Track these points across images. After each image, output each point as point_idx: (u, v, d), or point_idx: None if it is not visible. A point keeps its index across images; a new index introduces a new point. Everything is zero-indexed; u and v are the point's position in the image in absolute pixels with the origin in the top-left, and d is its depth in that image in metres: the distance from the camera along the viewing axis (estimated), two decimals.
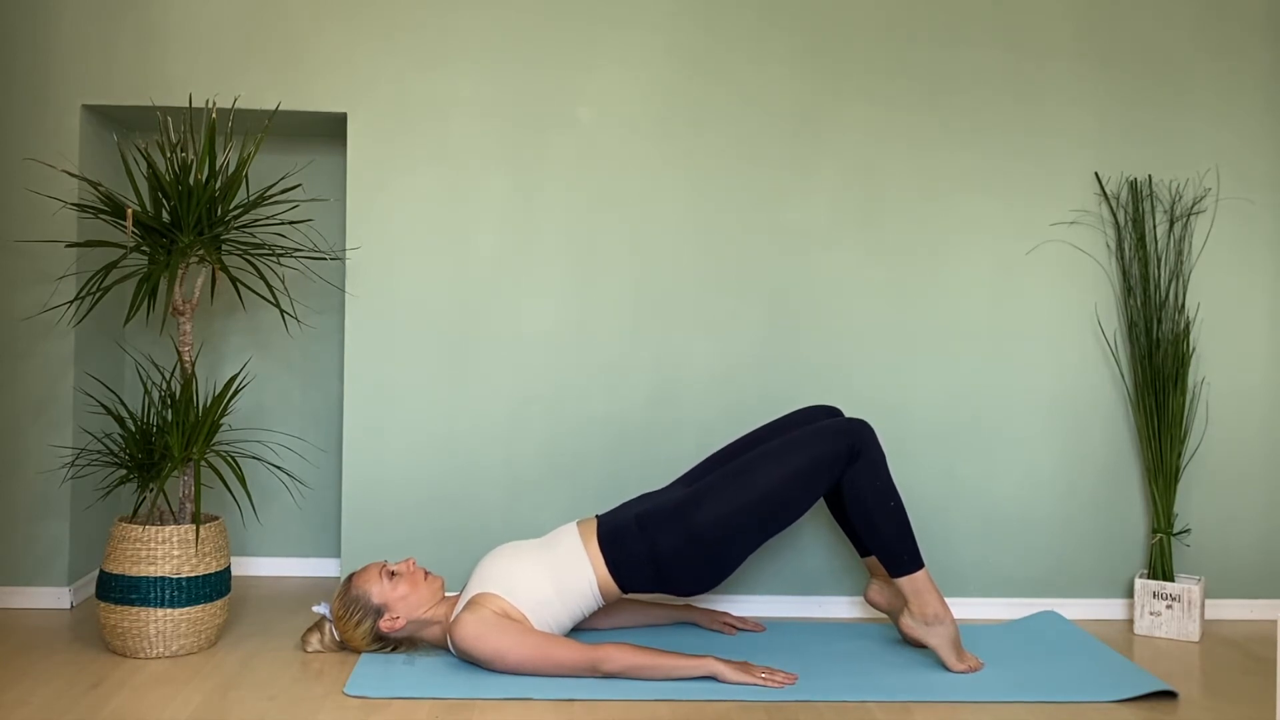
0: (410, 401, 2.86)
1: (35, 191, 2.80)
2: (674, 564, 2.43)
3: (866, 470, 2.42)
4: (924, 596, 2.45)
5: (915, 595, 2.45)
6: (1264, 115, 2.98)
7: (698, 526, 2.40)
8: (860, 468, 2.42)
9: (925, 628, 2.45)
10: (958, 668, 2.42)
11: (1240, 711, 2.24)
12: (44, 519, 2.82)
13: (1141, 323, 2.90)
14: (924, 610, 2.45)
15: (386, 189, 2.87)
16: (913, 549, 2.44)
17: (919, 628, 2.46)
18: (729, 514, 2.40)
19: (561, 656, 2.31)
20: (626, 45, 2.90)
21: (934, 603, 2.45)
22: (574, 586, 2.43)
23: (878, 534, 2.43)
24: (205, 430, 2.52)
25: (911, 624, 2.47)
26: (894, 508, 2.43)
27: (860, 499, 2.42)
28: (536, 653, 2.30)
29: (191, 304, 2.57)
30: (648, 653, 2.33)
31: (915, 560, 2.45)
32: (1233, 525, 2.97)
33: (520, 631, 2.33)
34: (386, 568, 2.47)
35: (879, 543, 2.44)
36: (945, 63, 2.93)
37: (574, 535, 2.49)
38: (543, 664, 2.31)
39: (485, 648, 2.31)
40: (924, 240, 2.93)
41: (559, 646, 2.32)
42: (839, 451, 2.41)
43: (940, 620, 2.44)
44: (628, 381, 2.90)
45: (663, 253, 2.90)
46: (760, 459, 2.45)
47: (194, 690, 2.24)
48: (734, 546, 2.44)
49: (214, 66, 2.84)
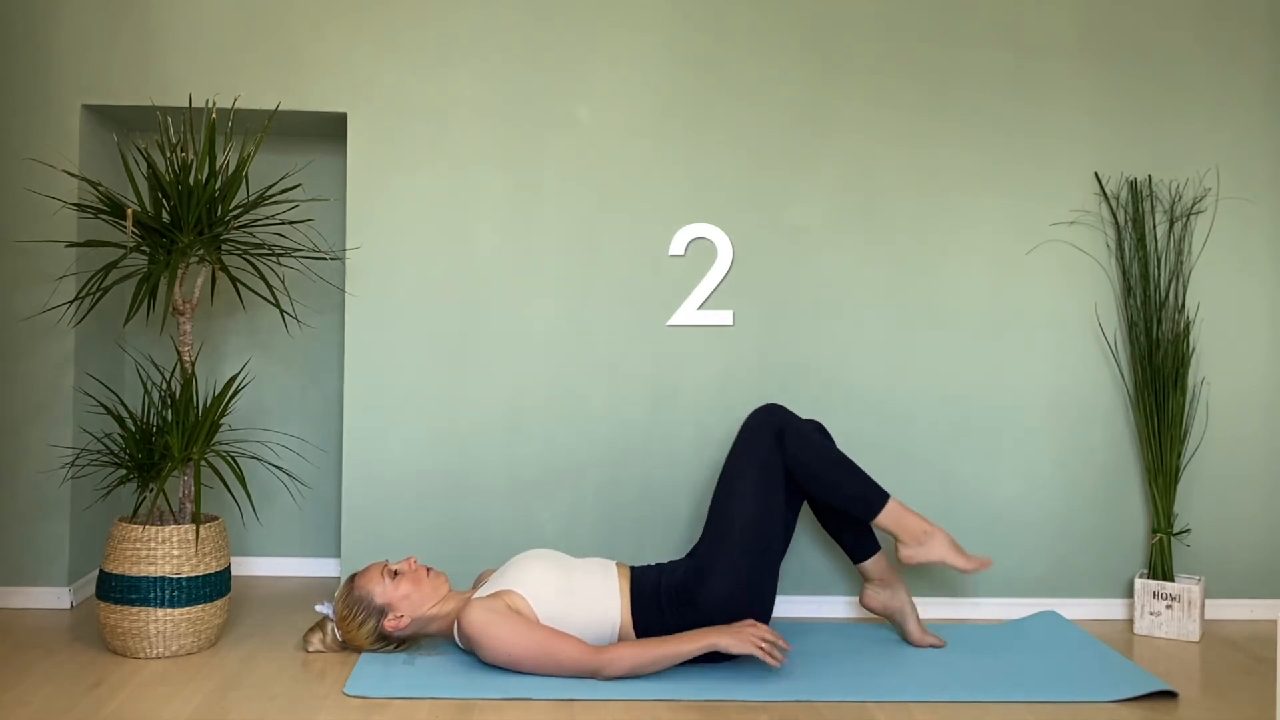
0: (410, 401, 2.87)
1: (35, 191, 2.80)
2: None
3: (796, 441, 2.49)
4: (905, 522, 2.51)
5: (898, 525, 2.51)
6: (1264, 115, 2.99)
7: (712, 606, 2.39)
8: (790, 442, 2.49)
9: (922, 546, 2.51)
10: (968, 567, 2.50)
11: (1240, 711, 2.24)
12: (44, 519, 2.82)
13: (1141, 323, 2.90)
14: (912, 533, 2.51)
15: (386, 189, 2.87)
16: (873, 486, 2.52)
17: (918, 550, 2.51)
18: (735, 582, 2.39)
19: (565, 655, 2.30)
20: (626, 45, 2.90)
21: (916, 521, 2.51)
22: (598, 619, 2.40)
23: (838, 489, 2.50)
24: (205, 430, 2.52)
25: (910, 551, 2.51)
26: (838, 458, 2.51)
27: (808, 469, 2.49)
28: (540, 648, 2.29)
29: (191, 304, 2.57)
30: (649, 646, 2.32)
31: (880, 494, 2.51)
32: (1233, 525, 2.97)
33: (528, 625, 2.32)
34: (388, 567, 2.46)
35: (842, 497, 2.50)
36: (946, 62, 2.94)
37: (613, 575, 2.47)
38: (544, 661, 2.30)
39: (489, 635, 2.30)
40: (924, 240, 2.93)
41: (563, 644, 2.30)
42: (769, 443, 2.49)
43: (930, 534, 2.51)
44: (628, 381, 2.90)
45: (662, 252, 2.90)
46: (726, 501, 2.47)
47: (194, 690, 2.24)
48: (757, 597, 2.42)
49: (214, 66, 2.84)
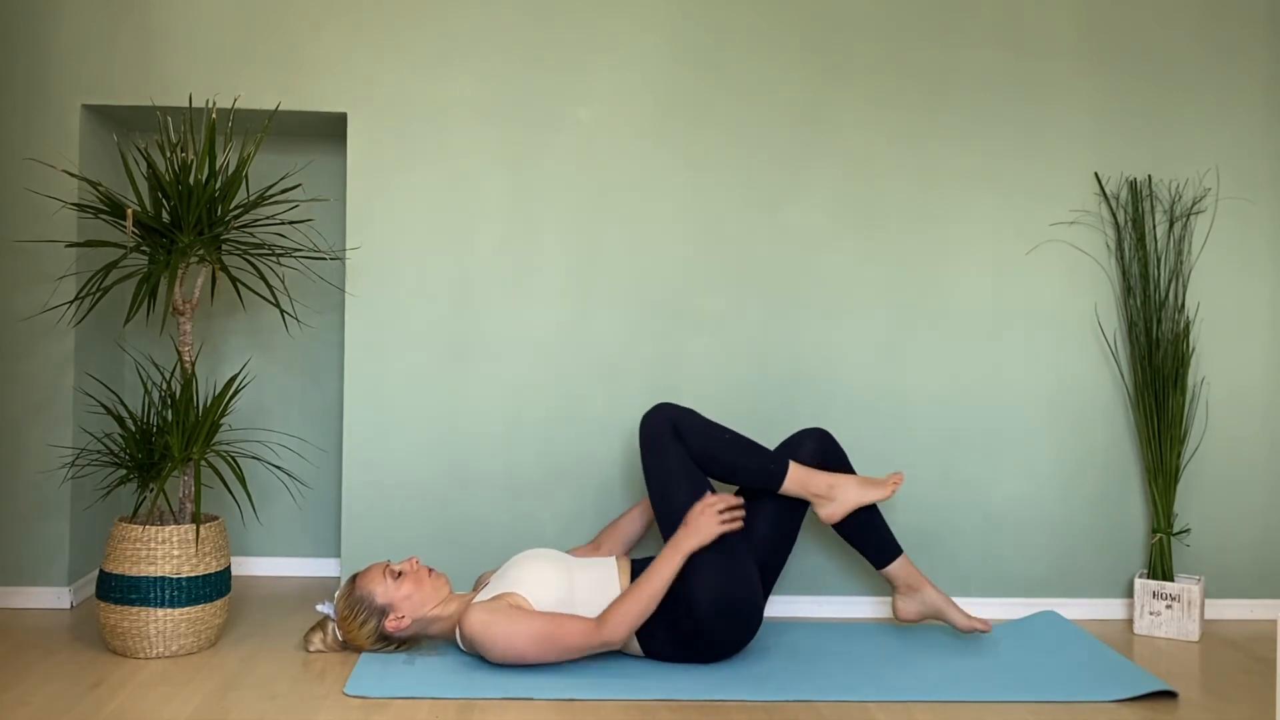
0: (410, 401, 2.87)
1: (35, 191, 2.80)
2: (703, 646, 2.43)
3: (691, 431, 2.50)
4: (811, 482, 2.53)
5: (804, 488, 2.53)
6: (1264, 115, 2.99)
7: (703, 605, 2.38)
8: (688, 435, 2.50)
9: (835, 501, 2.53)
10: (885, 493, 2.53)
11: (1240, 711, 2.24)
12: (44, 519, 2.82)
13: (1141, 323, 2.90)
14: (821, 490, 2.53)
15: (386, 189, 2.87)
16: (771, 456, 2.53)
17: (833, 505, 2.54)
18: (713, 582, 2.38)
19: (568, 636, 2.30)
20: (626, 44, 2.90)
21: (821, 478, 2.54)
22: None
23: (737, 470, 2.52)
24: (205, 430, 2.52)
25: (827, 509, 2.54)
26: (731, 438, 2.53)
27: (707, 455, 2.51)
28: (543, 634, 2.30)
29: (191, 304, 2.57)
30: (634, 592, 2.33)
31: (779, 462, 2.53)
32: (1233, 525, 2.97)
33: (526, 616, 2.32)
34: (390, 568, 2.46)
35: (745, 475, 2.52)
36: (945, 62, 2.94)
37: (614, 570, 2.48)
38: (550, 646, 2.31)
39: (492, 634, 2.30)
40: (924, 240, 2.93)
41: (564, 625, 2.31)
42: (670, 442, 2.50)
43: (836, 485, 2.53)
44: (628, 381, 2.90)
45: (662, 252, 2.90)
46: (668, 511, 2.47)
47: (194, 690, 2.24)
48: (740, 585, 2.41)
49: (214, 66, 2.84)
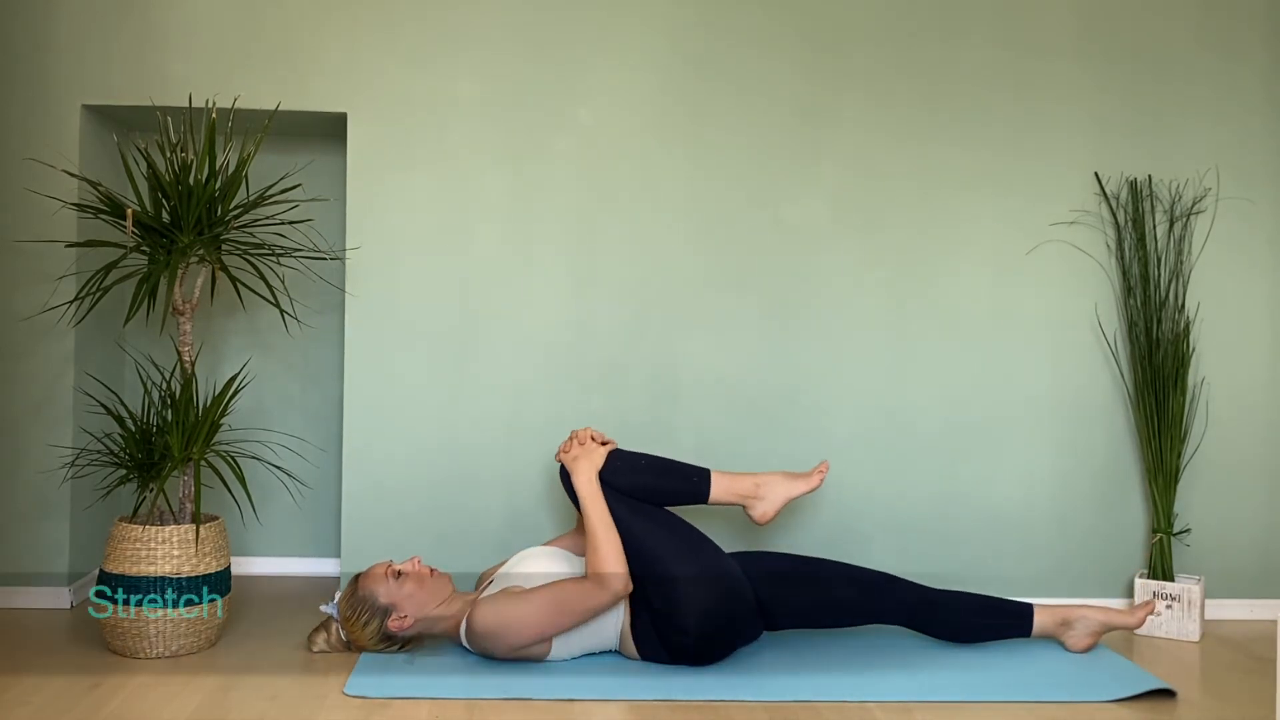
0: (410, 401, 2.86)
1: (35, 191, 2.80)
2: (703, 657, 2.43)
3: (614, 470, 2.46)
4: (737, 486, 2.55)
5: (731, 493, 2.54)
6: (1264, 115, 2.98)
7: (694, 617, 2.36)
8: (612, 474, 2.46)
9: (764, 499, 2.56)
10: (814, 484, 2.56)
11: (1240, 711, 2.24)
12: (44, 519, 2.82)
13: (1141, 322, 2.90)
14: (747, 492, 2.55)
15: (386, 189, 2.87)
16: (692, 471, 2.53)
17: (763, 504, 2.55)
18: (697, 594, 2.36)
19: (573, 600, 2.32)
20: (626, 43, 2.90)
21: (745, 481, 2.55)
22: (601, 620, 2.41)
23: (663, 493, 2.51)
24: (205, 430, 2.52)
25: (758, 510, 2.55)
26: (649, 463, 2.52)
27: (635, 486, 2.47)
28: (550, 605, 2.32)
29: (191, 304, 2.57)
30: (592, 540, 2.38)
31: (702, 475, 2.53)
32: (1233, 525, 2.97)
33: (530, 595, 2.34)
34: (392, 567, 2.46)
35: (672, 499, 2.51)
36: (946, 61, 2.93)
37: None
38: (560, 614, 2.32)
39: (502, 623, 2.32)
40: (924, 239, 2.93)
41: (564, 590, 2.33)
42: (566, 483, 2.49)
43: (762, 483, 2.54)
44: (627, 381, 2.89)
45: (662, 251, 2.90)
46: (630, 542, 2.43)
47: (194, 690, 2.24)
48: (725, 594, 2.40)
49: (214, 66, 2.84)
